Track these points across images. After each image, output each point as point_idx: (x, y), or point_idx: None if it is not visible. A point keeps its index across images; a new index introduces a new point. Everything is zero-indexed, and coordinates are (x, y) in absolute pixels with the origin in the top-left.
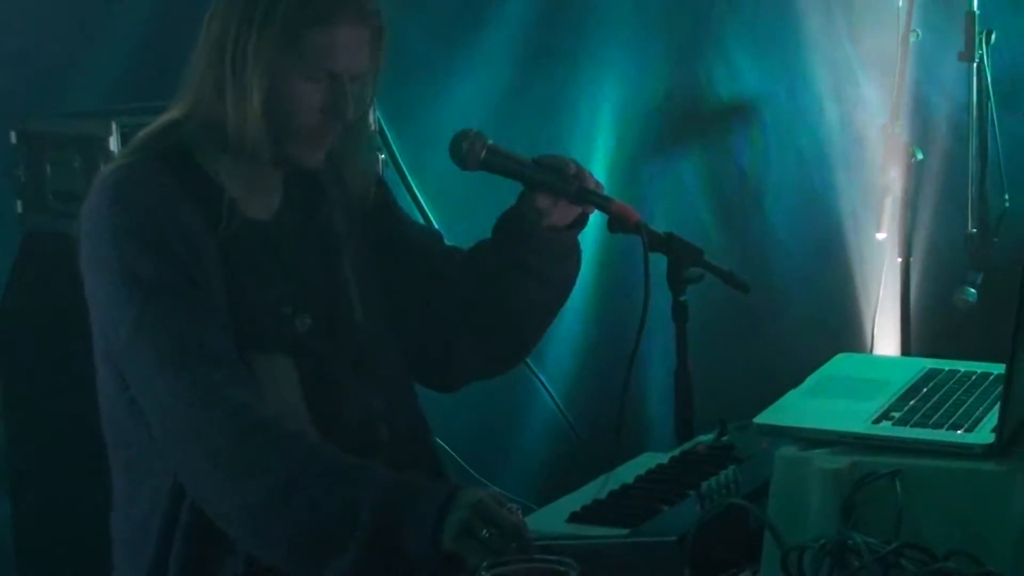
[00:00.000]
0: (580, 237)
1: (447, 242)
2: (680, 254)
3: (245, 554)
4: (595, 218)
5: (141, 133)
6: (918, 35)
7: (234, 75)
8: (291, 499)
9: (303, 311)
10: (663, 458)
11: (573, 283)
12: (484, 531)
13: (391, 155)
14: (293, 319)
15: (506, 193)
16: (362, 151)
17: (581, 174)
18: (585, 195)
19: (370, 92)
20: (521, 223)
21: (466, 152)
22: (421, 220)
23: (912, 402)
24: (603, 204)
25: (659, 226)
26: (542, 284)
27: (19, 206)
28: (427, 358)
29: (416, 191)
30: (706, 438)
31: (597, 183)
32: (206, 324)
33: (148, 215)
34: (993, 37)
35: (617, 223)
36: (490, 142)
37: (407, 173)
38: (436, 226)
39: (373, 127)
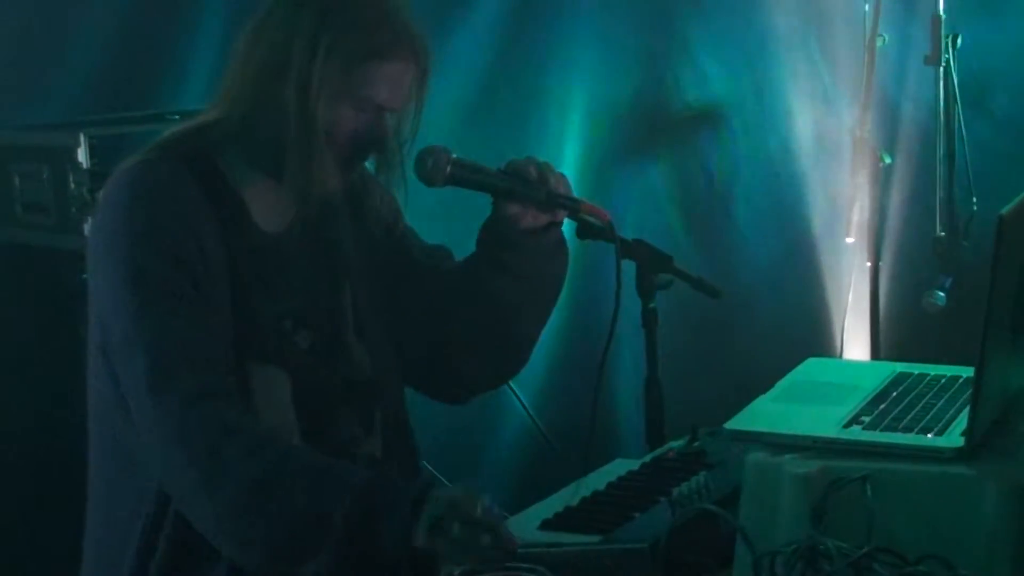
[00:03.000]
0: None
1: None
2: (649, 261)
3: (228, 562)
4: (565, 226)
5: (168, 132)
6: (884, 39)
7: (299, 98)
8: (266, 501)
9: (304, 327)
10: (634, 465)
11: (561, 281)
12: (456, 529)
13: None
14: (294, 334)
15: (475, 203)
16: (394, 183)
17: (544, 176)
18: (554, 201)
19: (410, 129)
20: (499, 229)
21: (431, 168)
22: None
23: (882, 406)
24: (572, 208)
25: (628, 233)
26: (528, 285)
27: None
28: (435, 373)
29: None
30: (677, 444)
31: (562, 180)
32: (202, 333)
33: (165, 215)
34: (959, 40)
35: (586, 229)
36: (455, 156)
37: None
38: None
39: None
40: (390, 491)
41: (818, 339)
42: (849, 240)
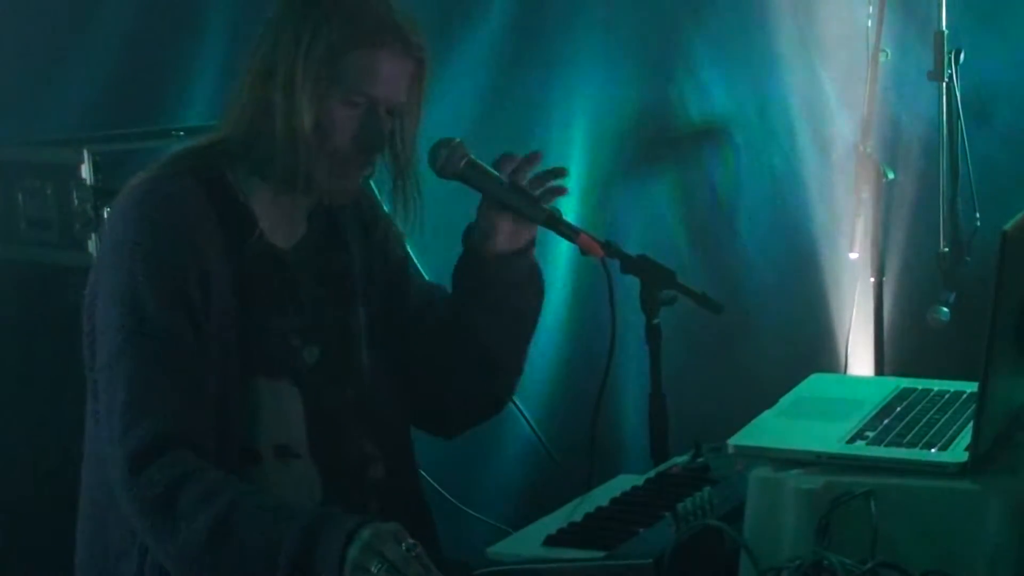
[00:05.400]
0: (553, 261)
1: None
2: (653, 276)
3: None
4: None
5: (179, 149)
6: (887, 54)
7: (285, 97)
8: (218, 547)
9: (312, 343)
10: (638, 480)
11: (536, 311)
12: (374, 566)
13: None
14: (302, 350)
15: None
16: (409, 189)
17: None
18: (553, 224)
19: (415, 128)
20: (472, 259)
21: (444, 160)
22: None
23: (886, 421)
24: (570, 235)
25: (631, 248)
26: (500, 316)
27: None
28: (423, 406)
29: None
30: (681, 460)
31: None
32: (184, 374)
33: (170, 236)
34: (962, 56)
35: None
36: (471, 156)
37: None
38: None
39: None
40: (327, 530)
41: (822, 354)
42: (853, 255)
